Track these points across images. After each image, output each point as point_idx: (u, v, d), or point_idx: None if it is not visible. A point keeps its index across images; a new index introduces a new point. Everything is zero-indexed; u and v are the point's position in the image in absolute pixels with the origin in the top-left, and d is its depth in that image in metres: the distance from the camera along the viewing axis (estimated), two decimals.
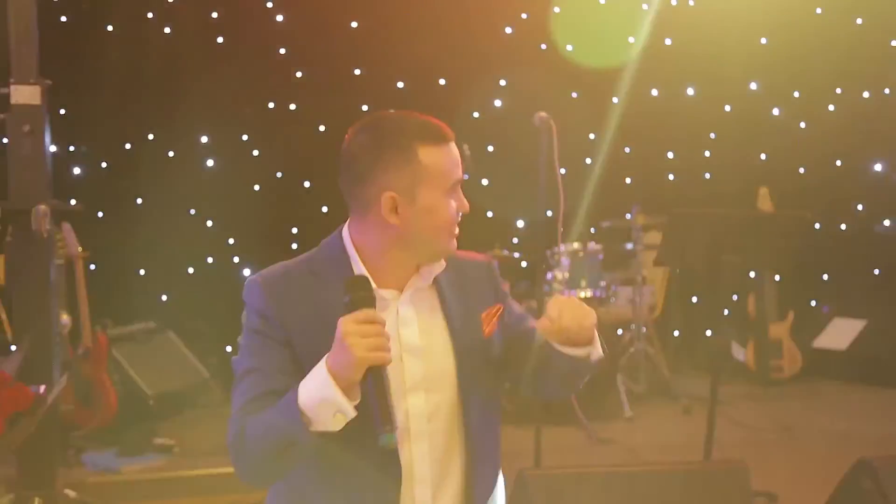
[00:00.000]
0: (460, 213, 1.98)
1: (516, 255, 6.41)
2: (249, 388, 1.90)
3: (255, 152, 6.95)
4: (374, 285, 1.89)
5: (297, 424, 1.76)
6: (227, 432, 1.90)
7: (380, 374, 1.75)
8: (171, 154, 6.77)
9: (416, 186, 1.92)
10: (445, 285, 2.04)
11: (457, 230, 1.99)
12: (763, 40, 7.52)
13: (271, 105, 6.98)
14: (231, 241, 6.88)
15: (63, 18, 6.55)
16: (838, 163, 7.69)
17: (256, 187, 6.91)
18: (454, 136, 1.99)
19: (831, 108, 7.67)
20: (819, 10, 7.55)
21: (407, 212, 1.92)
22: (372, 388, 1.74)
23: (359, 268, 1.96)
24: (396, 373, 1.91)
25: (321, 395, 1.75)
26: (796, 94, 7.62)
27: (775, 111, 7.69)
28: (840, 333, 7.01)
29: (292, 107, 6.98)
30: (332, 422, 1.76)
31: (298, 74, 6.98)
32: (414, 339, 1.97)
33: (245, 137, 6.95)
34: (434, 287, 2.03)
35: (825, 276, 7.57)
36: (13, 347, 4.30)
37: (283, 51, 6.98)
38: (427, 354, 1.97)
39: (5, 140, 3.94)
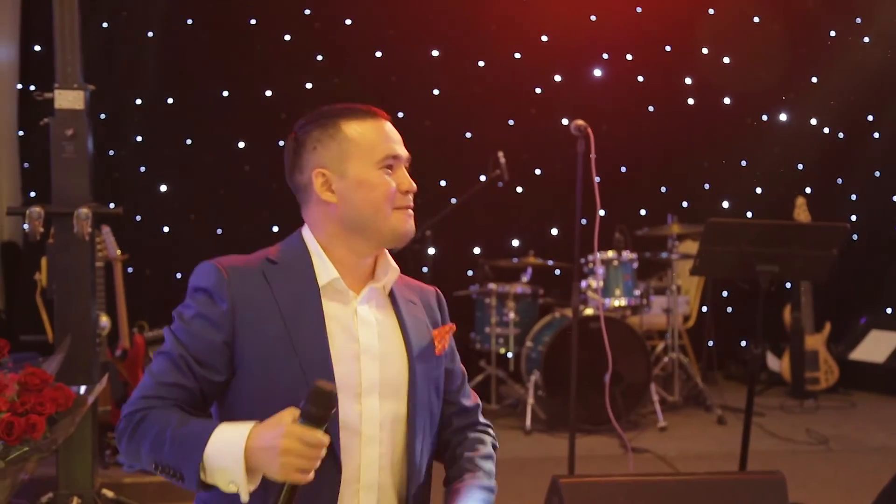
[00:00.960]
0: (408, 193, 1.96)
1: (550, 262, 6.41)
2: (160, 371, 1.87)
3: None
4: (344, 285, 1.94)
5: (191, 466, 1.73)
6: (127, 404, 1.88)
7: (293, 489, 1.68)
8: (209, 159, 6.84)
9: (344, 161, 1.94)
10: (400, 298, 2.04)
11: (407, 207, 1.96)
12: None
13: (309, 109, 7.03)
14: (266, 246, 6.92)
15: (105, 25, 6.64)
16: (877, 174, 7.62)
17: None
18: (387, 117, 2.01)
19: (870, 118, 7.60)
20: (859, 20, 7.50)
21: (340, 187, 1.94)
22: (283, 493, 1.68)
23: (324, 262, 1.95)
24: (353, 373, 1.90)
25: (226, 463, 1.71)
26: (834, 104, 7.56)
27: (813, 121, 7.63)
28: (877, 346, 6.94)
29: None
30: (224, 486, 1.73)
31: (336, 81, 7.02)
32: (373, 340, 1.94)
33: (282, 143, 6.99)
34: (389, 297, 2.03)
35: (863, 288, 7.50)
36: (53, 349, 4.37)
37: (320, 57, 7.03)
38: (383, 359, 1.94)
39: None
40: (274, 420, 1.69)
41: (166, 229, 6.85)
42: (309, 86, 7.00)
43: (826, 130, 7.64)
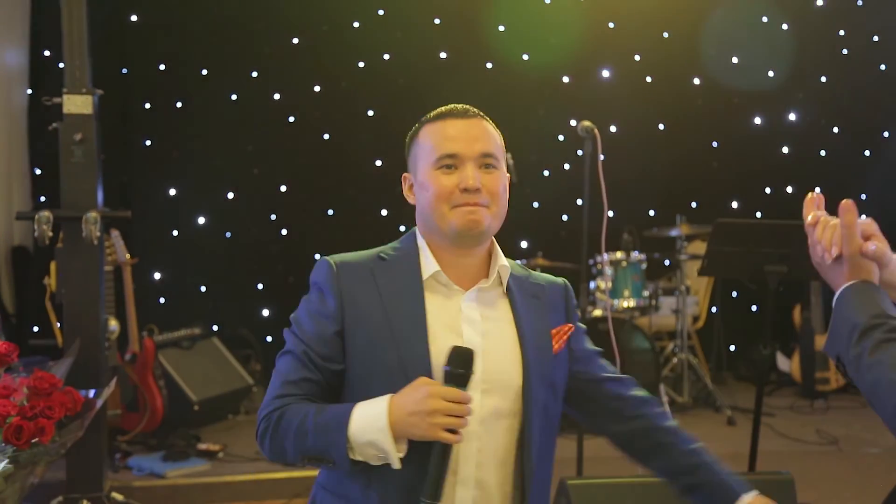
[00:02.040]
0: (467, 190, 1.94)
1: (559, 264, 6.40)
2: (287, 369, 1.94)
3: (302, 161, 7.01)
4: (446, 278, 1.97)
5: (340, 448, 1.81)
6: (262, 407, 1.94)
7: (447, 450, 1.78)
8: (218, 162, 6.85)
9: (417, 163, 2.03)
10: (519, 295, 2.04)
11: (465, 204, 1.94)
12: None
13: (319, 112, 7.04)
14: (276, 249, 6.96)
15: (114, 29, 6.66)
16: (887, 172, 7.60)
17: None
18: (465, 114, 2.03)
19: (880, 117, 7.58)
20: (867, 19, 7.48)
21: (416, 189, 2.03)
22: (434, 458, 1.77)
23: (427, 256, 2.00)
24: None
25: (373, 437, 1.79)
26: (844, 104, 7.55)
27: (822, 120, 7.62)
28: None
29: (337, 116, 7.02)
30: (374, 460, 1.82)
31: (343, 85, 7.03)
32: (475, 336, 1.95)
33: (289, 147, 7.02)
34: (506, 295, 2.04)
35: None
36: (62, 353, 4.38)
37: (328, 60, 7.03)
38: (487, 356, 1.93)
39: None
40: (412, 387, 1.80)
41: (175, 233, 6.86)
42: (317, 89, 7.00)
43: (835, 130, 7.62)
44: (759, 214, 7.40)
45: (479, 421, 1.92)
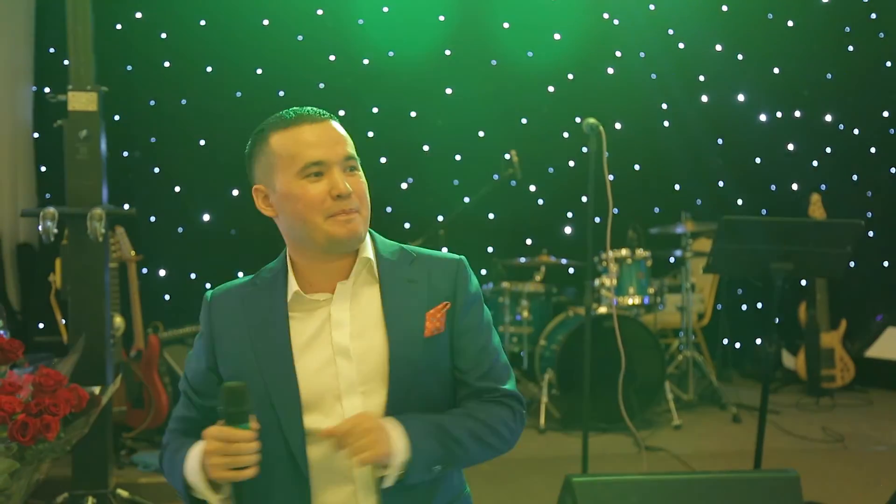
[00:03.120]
0: (340, 197, 1.88)
1: (564, 261, 6.40)
2: (177, 406, 2.07)
3: None
4: (305, 297, 1.95)
5: (181, 489, 1.90)
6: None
7: (238, 487, 1.77)
8: (223, 159, 6.86)
9: (272, 174, 1.94)
10: (391, 282, 1.97)
11: (347, 213, 1.90)
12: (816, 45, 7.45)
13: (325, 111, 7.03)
14: (281, 246, 6.95)
15: (118, 27, 6.66)
16: (893, 170, 7.58)
17: None
18: (321, 117, 1.95)
19: (885, 114, 7.57)
20: (874, 15, 7.46)
21: (274, 201, 1.96)
22: (233, 497, 1.78)
23: (290, 277, 1.98)
24: (331, 377, 1.91)
25: (193, 480, 1.85)
26: (849, 101, 7.53)
27: (828, 117, 7.60)
28: (894, 343, 6.90)
29: (341, 113, 7.02)
30: (211, 500, 1.85)
31: (349, 82, 7.03)
32: (345, 341, 1.92)
33: None
34: (377, 285, 1.97)
35: (879, 285, 7.46)
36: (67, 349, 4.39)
37: (332, 57, 7.03)
38: (361, 356, 1.91)
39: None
40: None
41: (180, 230, 6.86)
42: (322, 86, 7.00)
43: (841, 127, 7.60)
44: (764, 212, 7.38)
45: None
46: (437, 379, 1.98)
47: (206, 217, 6.90)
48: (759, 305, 7.48)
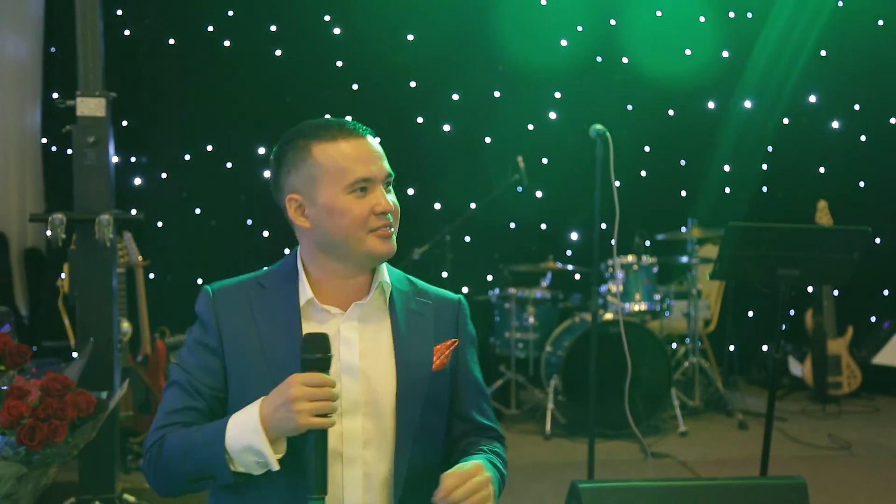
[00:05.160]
0: (384, 214, 1.90)
1: (570, 267, 6.40)
2: (171, 399, 1.94)
3: None
4: (320, 305, 1.92)
5: (218, 460, 1.78)
6: (145, 442, 1.94)
7: (322, 437, 1.74)
8: (228, 165, 6.88)
9: (313, 186, 1.91)
10: (402, 310, 1.99)
11: (387, 229, 1.92)
12: (823, 52, 7.44)
13: (327, 116, 7.04)
14: (286, 251, 6.97)
15: (126, 32, 6.69)
16: None
17: None
18: (365, 132, 1.95)
19: (893, 120, 7.56)
20: (881, 22, 7.46)
21: (312, 213, 1.92)
22: (311, 450, 1.74)
23: (303, 283, 1.95)
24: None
25: (248, 441, 1.76)
26: (857, 107, 7.52)
27: (835, 124, 7.59)
28: None
29: (348, 118, 7.02)
30: (254, 468, 1.79)
31: (355, 87, 7.04)
32: (353, 359, 1.92)
33: None
34: (388, 311, 1.98)
35: (886, 292, 7.45)
36: (75, 354, 4.40)
37: (339, 63, 7.05)
38: (366, 377, 1.92)
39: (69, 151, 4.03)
40: (279, 385, 1.77)
41: (187, 235, 6.88)
42: (329, 91, 7.02)
43: (848, 134, 7.59)
44: (770, 218, 7.38)
45: (362, 445, 1.90)
46: (436, 412, 1.99)
47: (214, 222, 6.91)
48: (766, 312, 7.46)
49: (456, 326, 2.06)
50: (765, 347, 7.35)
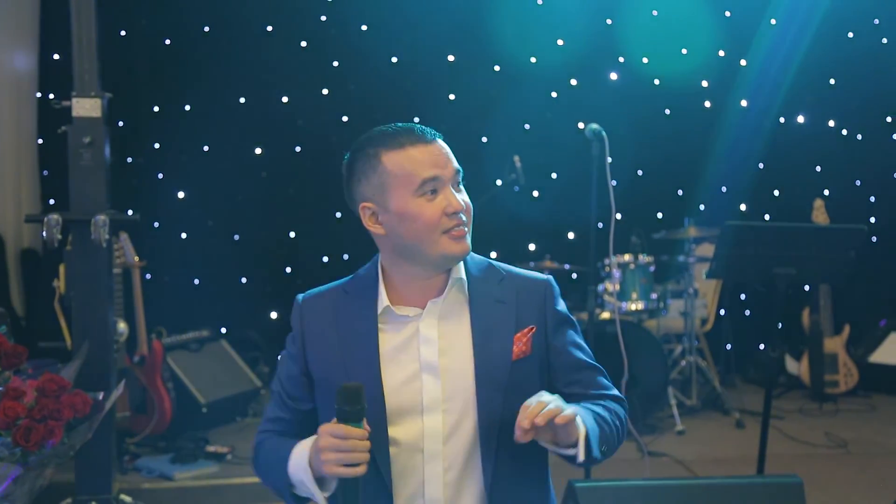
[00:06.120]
0: (456, 213, 1.93)
1: (567, 266, 6.40)
2: (270, 407, 2.07)
3: (310, 164, 7.02)
4: (395, 312, 1.97)
5: (283, 487, 1.91)
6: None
7: (353, 485, 1.79)
8: (226, 165, 6.87)
9: (385, 193, 1.93)
10: (481, 302, 2.01)
11: (460, 229, 1.94)
12: (819, 51, 7.46)
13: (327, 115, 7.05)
14: (284, 251, 6.97)
15: (122, 33, 6.68)
16: None
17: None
18: (432, 137, 1.98)
19: (889, 119, 7.56)
20: (877, 21, 7.47)
21: (385, 219, 1.95)
22: (341, 496, 1.81)
23: (381, 290, 1.99)
24: (414, 392, 1.94)
25: (300, 477, 1.86)
26: (853, 106, 7.53)
27: (831, 123, 7.60)
28: None
29: (345, 119, 7.03)
30: (313, 496, 1.88)
31: (351, 87, 7.04)
32: (433, 357, 1.95)
33: (298, 149, 7.02)
34: (466, 304, 2.01)
35: (882, 290, 7.45)
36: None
37: (336, 63, 7.05)
38: (446, 374, 1.95)
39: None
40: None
41: (184, 236, 6.88)
42: (325, 91, 7.02)
43: (844, 132, 7.60)
44: (767, 217, 7.38)
45: (442, 441, 1.94)
46: (521, 401, 1.95)
47: (210, 222, 6.91)
48: (763, 311, 7.47)
49: (543, 309, 2.06)
50: (762, 346, 7.35)
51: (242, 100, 6.89)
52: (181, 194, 6.87)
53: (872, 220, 7.43)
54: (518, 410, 1.90)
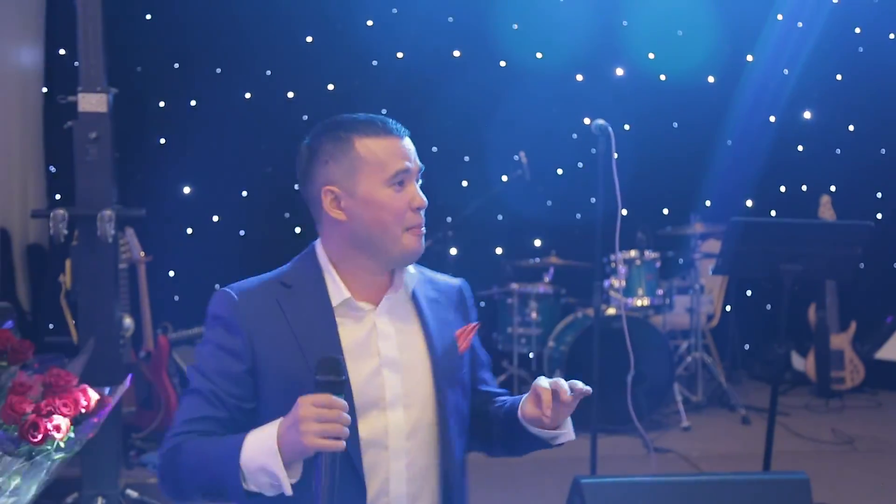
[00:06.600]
0: (419, 209, 1.92)
1: (573, 262, 6.39)
2: (190, 407, 1.88)
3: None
4: (356, 303, 1.93)
5: (232, 478, 1.75)
6: (160, 448, 1.89)
7: (332, 459, 1.68)
8: (232, 161, 6.87)
9: (353, 177, 1.90)
10: (423, 300, 2.02)
11: (421, 228, 1.94)
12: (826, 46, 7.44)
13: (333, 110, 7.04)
14: (289, 247, 6.97)
15: (128, 28, 6.68)
16: None
17: None
18: (404, 132, 1.96)
19: None
20: (892, 36, 7.46)
21: (349, 205, 1.91)
22: (319, 473, 1.68)
23: (335, 282, 1.94)
24: (376, 388, 1.91)
25: (263, 462, 1.72)
26: (861, 102, 7.50)
27: (837, 118, 7.58)
28: None
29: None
30: (267, 489, 1.75)
31: (358, 83, 7.03)
32: (393, 352, 1.94)
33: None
34: (411, 301, 2.01)
35: (889, 287, 7.43)
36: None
37: (341, 59, 7.04)
38: (405, 369, 1.94)
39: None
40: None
41: (189, 231, 6.88)
42: (331, 87, 7.01)
43: (851, 128, 7.58)
44: (773, 213, 7.37)
45: (406, 437, 1.92)
46: (464, 393, 2.05)
47: (216, 218, 6.91)
48: (769, 307, 7.46)
49: (465, 309, 2.11)
50: (768, 342, 7.34)
51: (248, 95, 6.89)
52: (187, 189, 6.88)
53: (879, 216, 7.41)
54: (463, 403, 2.01)
